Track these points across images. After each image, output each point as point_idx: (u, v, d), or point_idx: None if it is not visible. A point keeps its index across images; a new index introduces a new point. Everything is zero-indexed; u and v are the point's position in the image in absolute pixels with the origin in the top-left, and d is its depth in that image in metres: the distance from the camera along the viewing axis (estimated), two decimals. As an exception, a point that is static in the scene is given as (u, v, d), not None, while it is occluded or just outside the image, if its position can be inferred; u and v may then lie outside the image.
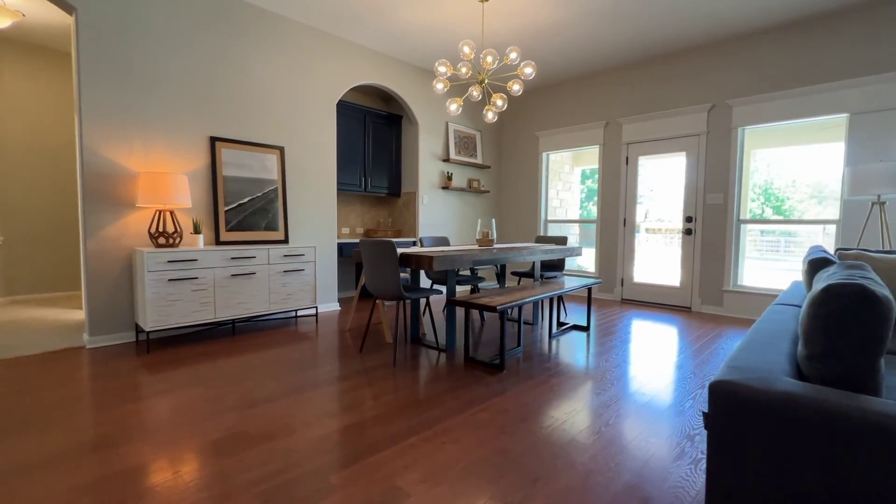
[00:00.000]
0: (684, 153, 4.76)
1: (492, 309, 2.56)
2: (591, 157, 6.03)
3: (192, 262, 3.13)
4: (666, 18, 3.94)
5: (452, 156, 5.65)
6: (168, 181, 3.12)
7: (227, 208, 3.67)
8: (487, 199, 6.33)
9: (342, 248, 4.66)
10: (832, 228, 3.98)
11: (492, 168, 6.35)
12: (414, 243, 5.36)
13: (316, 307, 3.89)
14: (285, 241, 4.02)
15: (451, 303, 2.81)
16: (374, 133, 5.18)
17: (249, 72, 3.78)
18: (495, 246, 3.81)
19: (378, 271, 2.84)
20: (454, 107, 3.54)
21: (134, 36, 3.16)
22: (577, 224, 6.14)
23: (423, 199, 5.40)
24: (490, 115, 3.73)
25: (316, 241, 4.34)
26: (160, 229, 3.23)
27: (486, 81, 3.59)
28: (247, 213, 3.79)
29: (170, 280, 3.02)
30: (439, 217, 5.62)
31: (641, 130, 5.02)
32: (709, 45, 4.48)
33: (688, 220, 4.73)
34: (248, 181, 3.80)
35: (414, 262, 2.76)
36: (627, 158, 5.18)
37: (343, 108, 4.82)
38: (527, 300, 2.81)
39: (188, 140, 3.47)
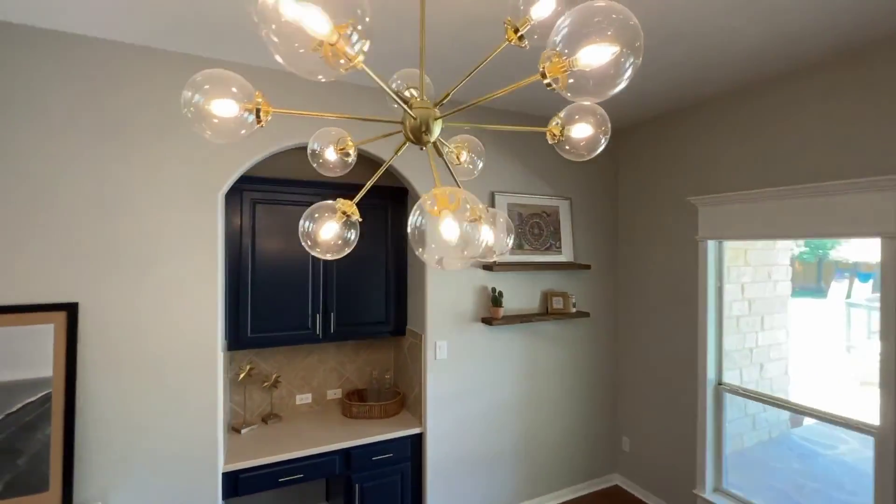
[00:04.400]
0: None
1: None
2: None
3: None
4: None
5: (504, 255, 2.90)
6: None
7: None
8: (586, 333, 3.31)
9: (237, 481, 2.30)
10: None
11: (592, 269, 3.33)
12: (417, 440, 2.72)
13: None
14: (66, 500, 1.85)
15: None
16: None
17: (-12, 161, 1.79)
18: None
19: None
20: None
21: None
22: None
23: (436, 349, 2.76)
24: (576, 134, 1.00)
25: (151, 484, 2.07)
26: None
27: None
28: (-44, 469, 1.73)
29: None
30: (472, 380, 2.87)
31: None
32: None
33: None
34: (-34, 395, 1.76)
35: None
36: None
37: (249, 184, 2.57)
38: None
39: None
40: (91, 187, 1.95)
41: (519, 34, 0.88)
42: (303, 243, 1.02)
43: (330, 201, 1.04)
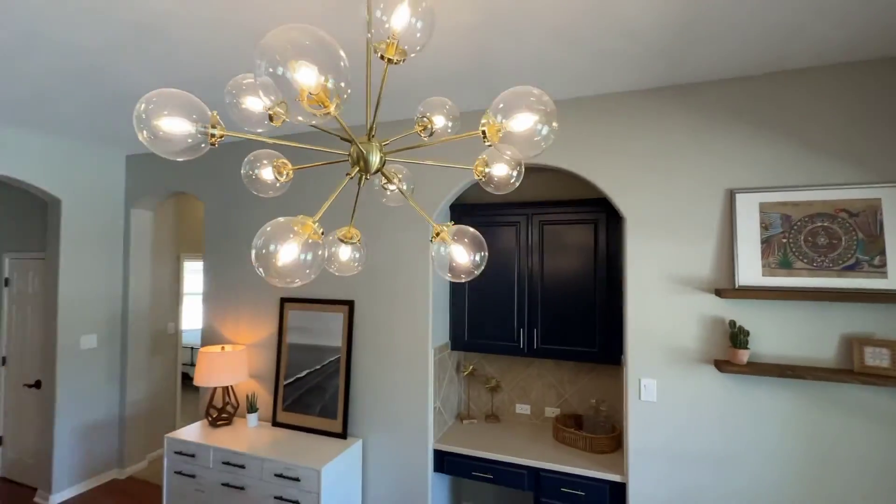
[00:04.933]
0: None
1: None
2: None
3: (191, 457, 2.77)
4: None
5: (753, 277, 2.07)
6: (217, 359, 2.98)
7: (286, 382, 3.06)
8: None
9: (443, 460, 2.71)
10: None
11: None
12: (618, 491, 2.33)
13: (319, 569, 2.41)
14: (342, 435, 2.82)
15: None
16: (549, 248, 2.79)
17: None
18: None
19: None
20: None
21: (234, 213, 3.33)
22: None
23: (641, 386, 2.28)
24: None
25: (388, 439, 2.77)
26: (214, 405, 3.11)
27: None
28: (303, 391, 2.99)
29: (176, 473, 2.82)
30: (695, 440, 2.16)
31: None
32: None
33: None
34: (308, 349, 3.01)
35: None
36: None
37: (467, 211, 2.92)
38: None
39: (262, 304, 3.21)
40: (365, 224, 2.91)
41: (386, 56, 0.87)
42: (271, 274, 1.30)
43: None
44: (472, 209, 2.97)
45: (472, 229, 1.04)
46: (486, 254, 1.02)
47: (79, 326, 3.53)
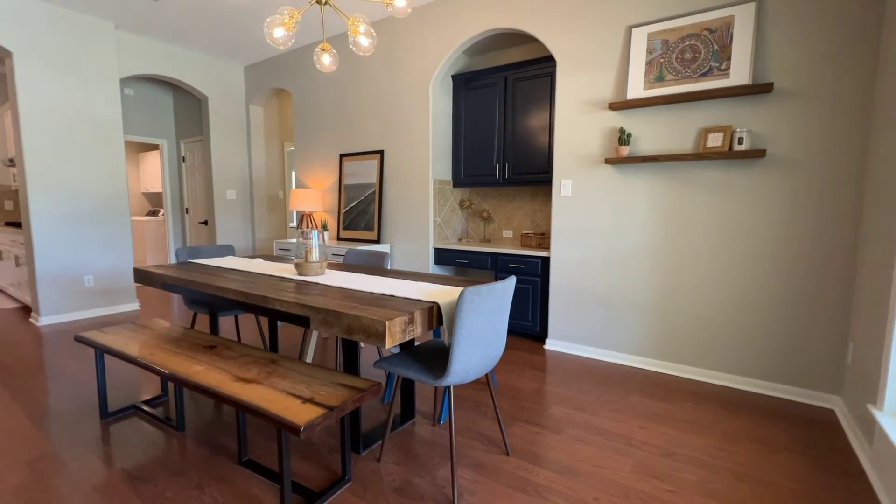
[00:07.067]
0: None
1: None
2: None
3: (287, 251, 4.40)
4: None
5: (637, 92, 2.77)
6: (303, 194, 4.53)
7: (344, 210, 4.50)
8: (778, 184, 2.40)
9: (440, 255, 3.91)
10: None
11: (790, 91, 2.30)
12: (545, 263, 3.33)
13: (358, 308, 3.88)
14: (377, 241, 4.20)
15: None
16: (519, 99, 3.64)
17: (361, 85, 4.26)
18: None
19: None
20: (281, 33, 2.35)
21: (310, 98, 4.73)
22: None
23: (561, 186, 3.17)
24: (327, 60, 2.15)
25: (406, 243, 4.06)
26: (301, 226, 4.69)
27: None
28: (354, 215, 4.40)
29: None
30: (593, 220, 3.03)
31: None
32: None
33: None
34: (356, 187, 4.38)
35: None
36: None
37: (465, 81, 3.84)
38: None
39: (329, 160, 4.62)
40: (389, 91, 4.06)
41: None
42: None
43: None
44: (467, 78, 3.90)
45: (370, 28, 2.10)
46: (375, 39, 2.09)
47: (225, 184, 5.39)
